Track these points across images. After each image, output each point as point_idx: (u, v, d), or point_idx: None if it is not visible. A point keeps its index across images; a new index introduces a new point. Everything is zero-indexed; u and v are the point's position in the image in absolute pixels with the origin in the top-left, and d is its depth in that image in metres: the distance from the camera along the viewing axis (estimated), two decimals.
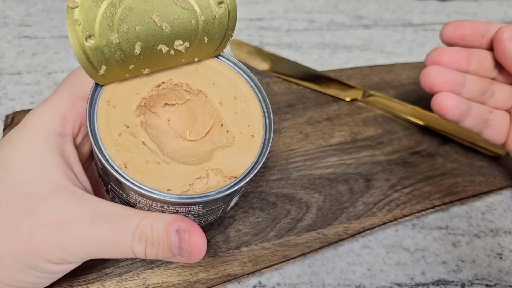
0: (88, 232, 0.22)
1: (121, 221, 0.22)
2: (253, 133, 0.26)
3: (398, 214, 0.36)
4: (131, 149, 0.23)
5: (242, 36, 0.54)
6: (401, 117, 0.44)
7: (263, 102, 0.28)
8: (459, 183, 0.39)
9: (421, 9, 0.64)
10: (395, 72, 0.50)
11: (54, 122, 0.24)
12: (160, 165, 0.23)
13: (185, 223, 0.23)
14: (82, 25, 0.22)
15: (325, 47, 0.54)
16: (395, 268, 0.34)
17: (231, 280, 0.30)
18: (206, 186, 0.24)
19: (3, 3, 0.51)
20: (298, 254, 0.32)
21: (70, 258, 0.23)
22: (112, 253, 0.23)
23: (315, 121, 0.43)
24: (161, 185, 0.23)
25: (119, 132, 0.24)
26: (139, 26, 0.23)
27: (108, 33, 0.22)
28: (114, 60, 0.23)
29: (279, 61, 0.48)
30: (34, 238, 0.22)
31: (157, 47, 0.24)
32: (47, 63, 0.45)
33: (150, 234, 0.23)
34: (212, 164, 0.24)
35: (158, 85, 0.26)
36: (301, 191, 0.37)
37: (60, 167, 0.23)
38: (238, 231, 0.33)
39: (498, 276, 0.34)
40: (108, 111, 0.24)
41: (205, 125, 0.27)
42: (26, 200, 0.22)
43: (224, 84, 0.27)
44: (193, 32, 0.25)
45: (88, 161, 0.29)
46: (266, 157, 0.25)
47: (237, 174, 0.24)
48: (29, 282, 0.23)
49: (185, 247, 0.23)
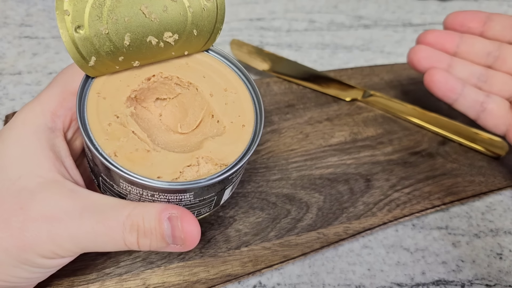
0: (77, 224, 0.22)
1: (111, 212, 0.22)
2: (243, 123, 0.26)
3: (398, 214, 0.36)
4: (121, 138, 0.23)
5: (242, 36, 0.54)
6: (401, 117, 0.44)
7: (253, 94, 0.28)
8: (459, 183, 0.39)
9: (421, 9, 0.64)
10: (395, 72, 0.50)
11: (44, 117, 0.24)
12: (150, 153, 0.23)
13: (177, 210, 0.23)
14: (72, 15, 0.22)
15: (325, 47, 0.54)
16: (395, 268, 0.34)
17: (231, 280, 0.30)
18: (197, 174, 0.24)
19: (3, 3, 0.51)
20: (298, 254, 0.32)
21: (62, 252, 0.22)
22: (104, 245, 0.23)
23: (315, 121, 0.43)
24: (151, 173, 0.23)
25: (109, 122, 0.24)
26: (127, 17, 0.23)
27: (97, 23, 0.23)
28: (104, 51, 0.24)
29: (279, 61, 0.48)
30: (25, 233, 0.21)
31: (147, 39, 0.25)
32: (48, 63, 0.45)
33: (142, 223, 0.22)
34: (202, 152, 0.24)
35: (148, 78, 0.26)
36: (301, 191, 0.37)
37: (51, 160, 0.23)
38: (238, 231, 0.33)
39: (498, 276, 0.34)
40: (98, 102, 0.24)
41: (196, 117, 0.27)
42: (16, 196, 0.22)
43: (214, 76, 0.27)
44: (182, 24, 0.25)
45: (80, 158, 0.29)
46: (257, 145, 0.25)
47: (228, 162, 0.24)
48: (23, 277, 0.23)
49: (178, 235, 0.23)
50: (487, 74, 0.37)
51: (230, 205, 0.35)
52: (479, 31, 0.37)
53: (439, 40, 0.37)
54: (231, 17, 0.56)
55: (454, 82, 0.36)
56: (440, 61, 0.37)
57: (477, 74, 0.37)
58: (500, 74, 0.37)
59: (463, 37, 0.37)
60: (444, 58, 0.37)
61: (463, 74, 0.37)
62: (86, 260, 0.29)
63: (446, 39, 0.37)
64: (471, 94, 0.36)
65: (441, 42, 0.37)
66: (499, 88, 0.36)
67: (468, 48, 0.37)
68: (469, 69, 0.37)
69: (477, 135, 0.43)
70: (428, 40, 0.37)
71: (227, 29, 0.54)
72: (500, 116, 0.36)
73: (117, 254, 0.30)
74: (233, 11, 0.57)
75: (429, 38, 0.37)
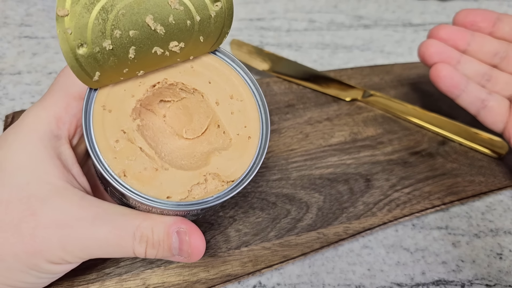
0: (89, 232, 0.22)
1: (122, 222, 0.23)
2: (249, 134, 0.26)
3: (398, 214, 0.36)
4: (129, 156, 0.23)
5: (242, 36, 0.54)
6: (401, 117, 0.44)
7: (259, 100, 0.27)
8: (459, 183, 0.39)
9: (421, 9, 0.64)
10: (395, 72, 0.50)
11: (49, 124, 0.24)
12: (159, 171, 0.23)
13: (185, 225, 0.24)
14: (74, 33, 0.21)
15: (325, 47, 0.54)
16: (395, 268, 0.34)
17: (231, 280, 0.30)
18: (205, 191, 0.24)
19: (3, 3, 0.51)
20: (298, 254, 0.32)
21: (70, 258, 0.23)
22: (113, 253, 0.23)
23: (315, 121, 0.43)
24: (160, 193, 0.23)
25: (116, 138, 0.23)
26: (132, 31, 0.22)
27: (101, 39, 0.22)
28: (108, 65, 0.23)
29: (279, 61, 0.48)
30: (36, 239, 0.22)
31: (152, 50, 0.24)
32: (48, 63, 0.45)
33: (151, 235, 0.23)
34: (209, 169, 0.24)
35: (153, 85, 0.26)
36: (301, 191, 0.37)
37: (58, 169, 0.23)
38: (238, 231, 0.33)
39: (498, 276, 0.34)
40: (103, 117, 0.24)
41: (202, 124, 0.27)
42: (26, 202, 0.22)
43: (220, 82, 0.27)
44: (189, 32, 0.24)
45: (85, 158, 0.29)
46: (263, 159, 0.25)
47: (234, 178, 0.24)
48: (29, 283, 0.23)
49: (185, 248, 0.24)
50: (492, 73, 0.38)
51: (230, 205, 0.35)
52: (489, 31, 0.38)
53: (451, 37, 0.38)
54: None
55: (459, 78, 0.36)
56: (451, 57, 0.37)
57: (482, 73, 0.37)
58: (504, 74, 0.38)
59: (474, 36, 0.38)
60: (454, 55, 0.37)
61: (470, 71, 0.37)
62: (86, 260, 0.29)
63: (458, 36, 0.38)
64: (473, 91, 0.37)
65: (453, 38, 0.38)
66: (501, 87, 0.37)
67: (478, 47, 0.38)
68: (476, 67, 0.37)
69: (477, 135, 0.43)
70: (441, 36, 0.38)
71: None
72: (499, 114, 0.37)
73: None
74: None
75: (442, 34, 0.38)
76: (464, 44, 0.38)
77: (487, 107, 0.37)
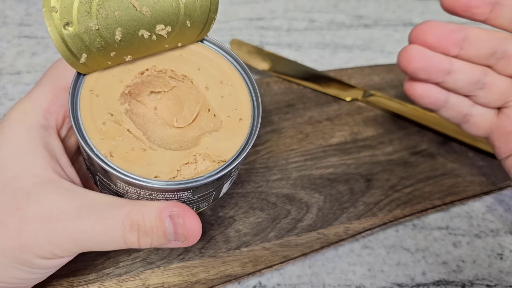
0: (75, 224, 0.22)
1: (109, 211, 0.22)
2: (241, 116, 0.26)
3: (398, 214, 0.36)
4: (116, 137, 0.23)
5: (242, 36, 0.53)
6: (401, 117, 0.44)
7: (250, 85, 0.27)
8: (460, 183, 0.39)
9: (421, 8, 0.64)
10: (396, 72, 0.50)
11: (36, 115, 0.24)
12: (146, 151, 0.23)
13: (178, 207, 0.23)
14: (60, 12, 0.21)
15: (325, 46, 0.54)
16: (395, 268, 0.33)
17: (231, 280, 0.30)
18: (195, 171, 0.23)
19: (3, 3, 0.51)
20: (298, 254, 0.32)
21: (60, 252, 0.22)
22: (103, 245, 0.22)
23: (315, 121, 0.43)
24: (148, 172, 0.22)
25: (103, 120, 0.23)
26: (118, 12, 0.23)
27: (87, 19, 0.22)
28: (95, 47, 0.23)
29: (279, 61, 0.48)
30: (22, 235, 0.21)
31: (138, 33, 0.24)
32: (47, 63, 0.45)
33: (142, 222, 0.22)
34: (199, 149, 0.24)
35: (142, 72, 0.26)
36: (302, 191, 0.36)
37: (45, 159, 0.23)
38: (238, 231, 0.33)
39: (498, 277, 0.34)
40: (91, 100, 0.24)
41: (192, 111, 0.27)
42: (12, 197, 0.22)
43: (210, 68, 0.27)
44: (175, 15, 0.25)
45: (76, 155, 0.28)
46: (255, 140, 0.25)
47: (225, 158, 0.24)
48: (22, 278, 0.23)
49: (180, 232, 0.23)
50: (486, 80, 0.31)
51: (230, 205, 0.34)
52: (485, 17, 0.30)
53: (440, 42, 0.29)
54: (231, 16, 0.56)
55: (437, 95, 0.31)
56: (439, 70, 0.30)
57: (475, 81, 0.31)
58: (500, 79, 0.31)
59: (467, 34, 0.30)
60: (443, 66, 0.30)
61: (461, 82, 0.31)
62: (85, 260, 0.29)
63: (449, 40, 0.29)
64: (455, 105, 0.32)
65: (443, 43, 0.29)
66: (493, 98, 0.32)
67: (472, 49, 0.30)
68: (468, 75, 0.31)
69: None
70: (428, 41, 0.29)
71: (227, 29, 0.54)
72: (482, 126, 0.33)
73: (117, 254, 0.30)
74: (233, 10, 0.57)
75: (429, 39, 0.29)
76: (456, 49, 0.30)
77: (470, 122, 0.33)
